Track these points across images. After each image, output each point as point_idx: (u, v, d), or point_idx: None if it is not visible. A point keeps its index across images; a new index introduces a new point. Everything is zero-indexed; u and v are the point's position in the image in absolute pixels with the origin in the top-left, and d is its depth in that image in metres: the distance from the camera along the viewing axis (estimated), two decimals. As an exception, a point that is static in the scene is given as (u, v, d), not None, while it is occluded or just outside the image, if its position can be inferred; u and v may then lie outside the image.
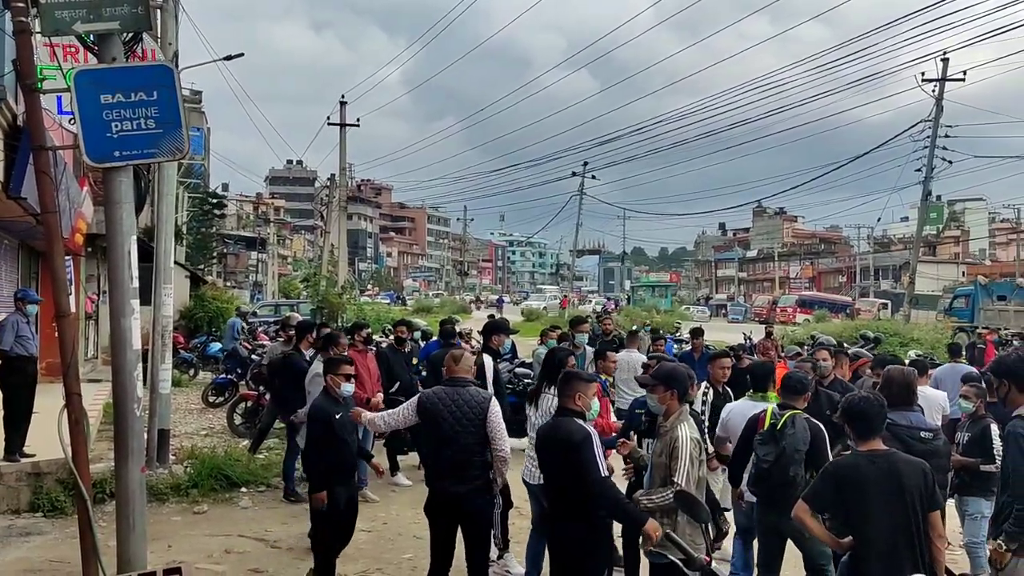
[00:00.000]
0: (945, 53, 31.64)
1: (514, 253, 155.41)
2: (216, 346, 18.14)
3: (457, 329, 12.05)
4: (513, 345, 11.83)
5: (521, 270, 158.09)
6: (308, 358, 8.98)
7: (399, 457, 9.42)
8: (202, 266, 40.89)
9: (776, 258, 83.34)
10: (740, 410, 5.66)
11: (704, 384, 6.69)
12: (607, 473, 4.19)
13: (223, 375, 14.89)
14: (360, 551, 6.72)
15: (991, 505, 6.16)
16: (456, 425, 4.78)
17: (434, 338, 13.25)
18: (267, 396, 11.49)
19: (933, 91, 32.09)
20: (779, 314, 50.50)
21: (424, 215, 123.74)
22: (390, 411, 5.55)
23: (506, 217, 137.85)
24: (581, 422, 4.32)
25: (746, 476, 5.14)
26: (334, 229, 36.09)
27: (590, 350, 10.01)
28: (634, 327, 17.68)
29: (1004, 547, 3.91)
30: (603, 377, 7.25)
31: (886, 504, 3.70)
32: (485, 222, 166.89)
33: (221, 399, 14.02)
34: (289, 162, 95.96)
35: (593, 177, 58.82)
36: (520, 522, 6.82)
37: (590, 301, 63.33)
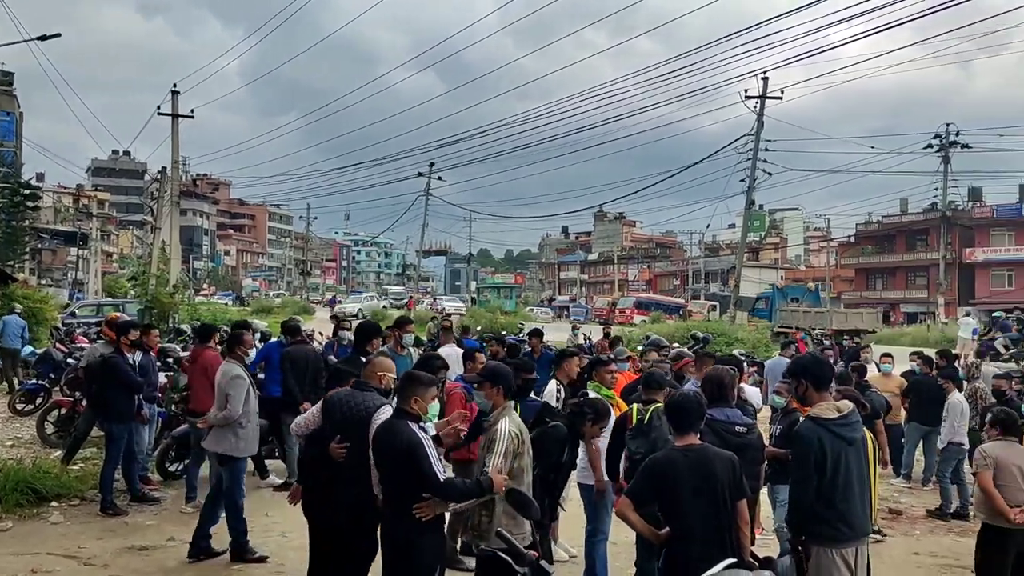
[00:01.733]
0: (765, 72, 34.09)
1: (359, 253, 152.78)
2: (27, 349, 16.67)
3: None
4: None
5: (366, 270, 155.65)
6: (132, 360, 8.46)
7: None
8: (11, 263, 37.53)
9: (616, 261, 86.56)
10: None
11: (554, 382, 6.89)
12: (443, 472, 4.21)
13: (33, 380, 13.73)
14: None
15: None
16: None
17: (274, 339, 12.80)
18: (84, 402, 10.76)
19: (755, 107, 34.47)
20: (618, 315, 52.40)
21: (265, 212, 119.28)
22: (304, 414, 5.27)
23: (351, 216, 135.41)
24: (414, 426, 4.27)
25: (621, 470, 5.37)
26: (166, 225, 34.10)
27: (415, 351, 9.93)
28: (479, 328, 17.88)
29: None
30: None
31: (699, 495, 3.92)
32: (329, 220, 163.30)
33: (31, 407, 12.92)
34: (115, 153, 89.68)
35: (439, 178, 59.05)
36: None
37: (430, 301, 63.13)
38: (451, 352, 9.27)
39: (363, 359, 6.91)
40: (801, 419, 6.51)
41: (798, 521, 4.28)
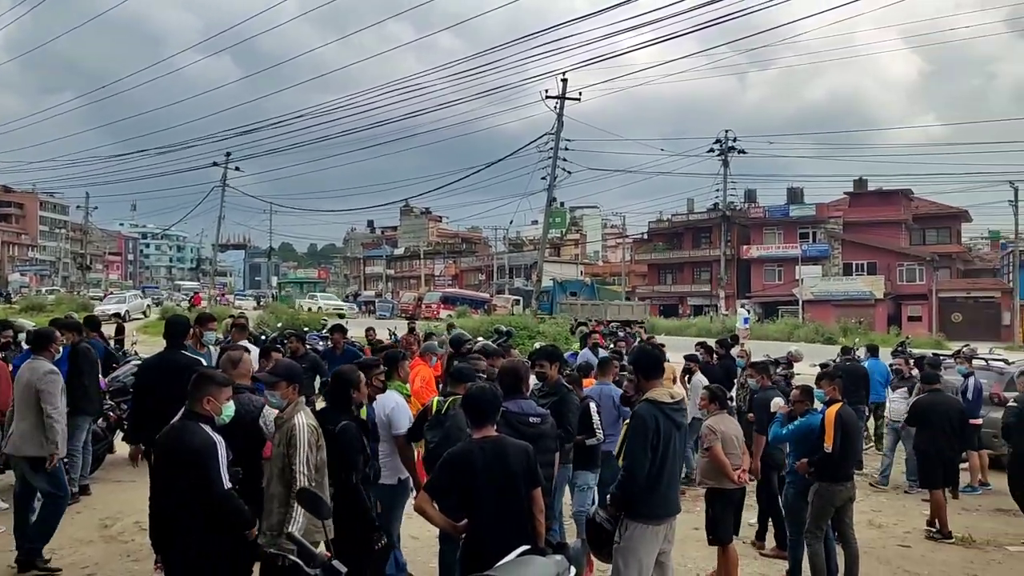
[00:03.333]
0: (564, 74, 35.46)
1: (148, 246, 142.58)
2: None
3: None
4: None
5: (157, 264, 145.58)
6: None
7: None
8: None
9: (422, 256, 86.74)
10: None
11: None
12: (229, 484, 4.03)
13: None
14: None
15: (595, 477, 7.12)
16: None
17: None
18: None
19: (555, 107, 35.76)
20: (424, 310, 52.51)
21: (35, 201, 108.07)
22: None
23: (139, 207, 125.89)
24: (208, 428, 4.09)
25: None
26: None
27: (215, 350, 9.47)
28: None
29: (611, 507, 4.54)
30: None
31: (495, 485, 4.01)
32: (113, 211, 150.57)
33: None
34: None
35: (237, 168, 56.34)
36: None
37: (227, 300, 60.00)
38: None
39: (187, 354, 6.54)
40: (592, 403, 7.04)
41: (625, 496, 4.50)
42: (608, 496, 4.90)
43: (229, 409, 4.31)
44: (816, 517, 6.38)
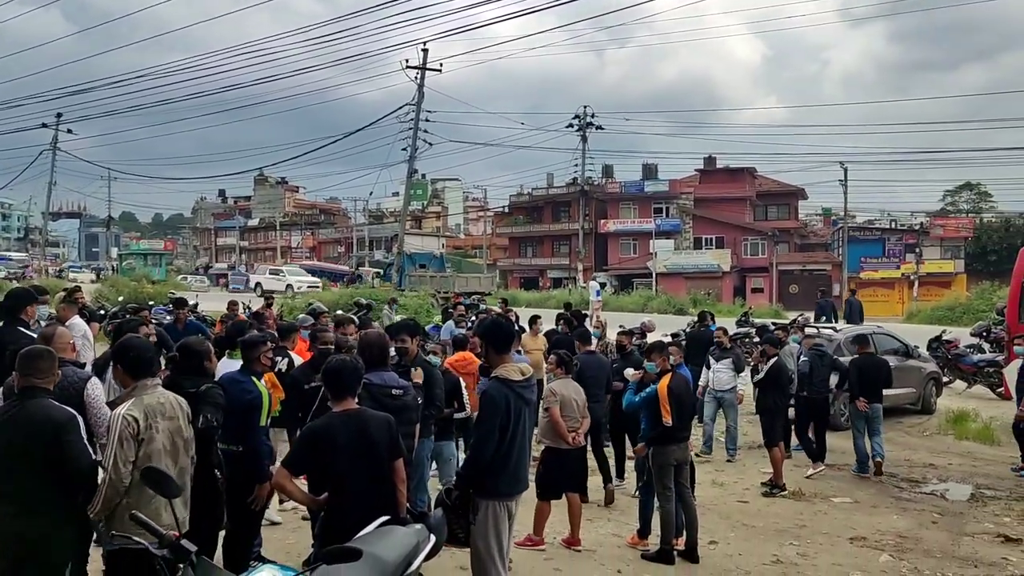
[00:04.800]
0: (425, 44, 35.06)
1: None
2: None
3: None
4: None
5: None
6: None
7: None
8: None
9: (278, 227, 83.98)
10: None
11: None
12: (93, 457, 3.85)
13: None
14: None
15: (456, 447, 7.40)
16: None
17: None
18: None
19: (415, 77, 35.36)
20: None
21: None
22: None
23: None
24: (56, 403, 3.87)
25: None
26: None
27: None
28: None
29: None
30: None
31: (357, 458, 3.98)
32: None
33: None
34: None
35: (69, 131, 52.48)
36: None
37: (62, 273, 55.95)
38: (78, 324, 8.34)
39: (23, 330, 6.20)
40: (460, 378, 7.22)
41: (473, 475, 4.53)
42: (455, 476, 4.94)
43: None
44: (658, 477, 6.75)
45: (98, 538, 3.93)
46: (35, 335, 6.02)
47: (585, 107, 54.17)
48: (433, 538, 3.97)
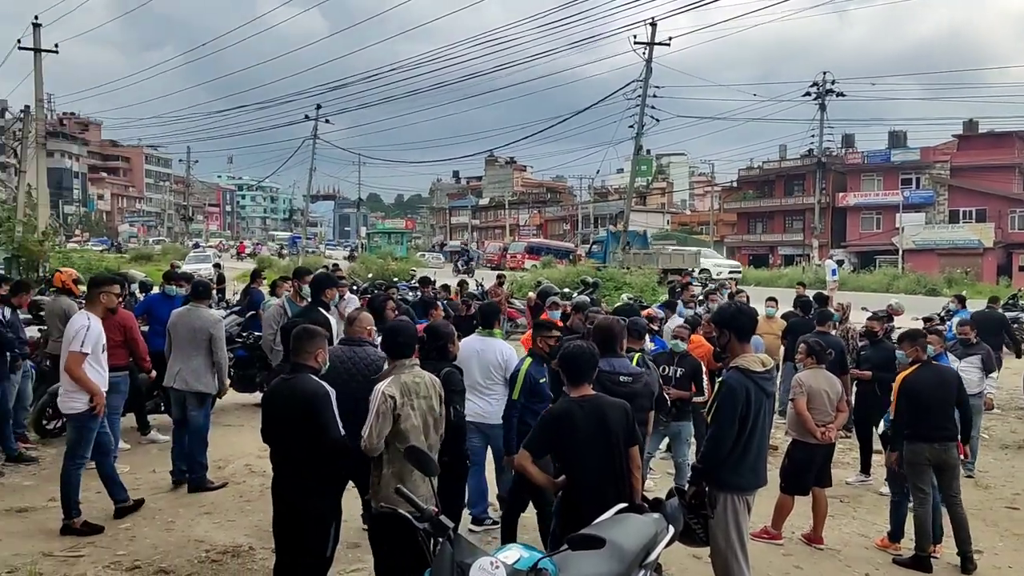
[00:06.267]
0: (654, 19, 34.43)
1: (244, 197, 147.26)
2: None
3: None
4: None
5: (252, 215, 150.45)
6: (2, 315, 8.00)
7: None
8: None
9: (507, 206, 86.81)
10: (469, 344, 6.11)
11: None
12: (342, 432, 4.22)
13: None
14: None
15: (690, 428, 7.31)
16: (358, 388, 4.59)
17: (155, 290, 12.28)
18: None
19: (643, 54, 34.83)
20: (509, 260, 52.85)
21: (141, 155, 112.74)
22: None
23: (235, 160, 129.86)
24: (315, 378, 4.29)
25: None
26: (31, 168, 31.82)
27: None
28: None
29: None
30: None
31: (593, 444, 4.05)
32: (212, 164, 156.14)
33: None
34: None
35: (327, 121, 57.47)
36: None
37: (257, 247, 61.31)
38: (352, 299, 9.31)
39: (322, 311, 7.07)
40: (718, 370, 7.06)
41: (711, 468, 4.40)
42: (691, 469, 4.83)
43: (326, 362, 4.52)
44: (912, 477, 6.23)
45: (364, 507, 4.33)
46: (332, 315, 7.10)
47: (824, 73, 50.62)
48: (671, 529, 3.96)
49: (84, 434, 6.10)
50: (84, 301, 7.32)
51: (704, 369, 7.54)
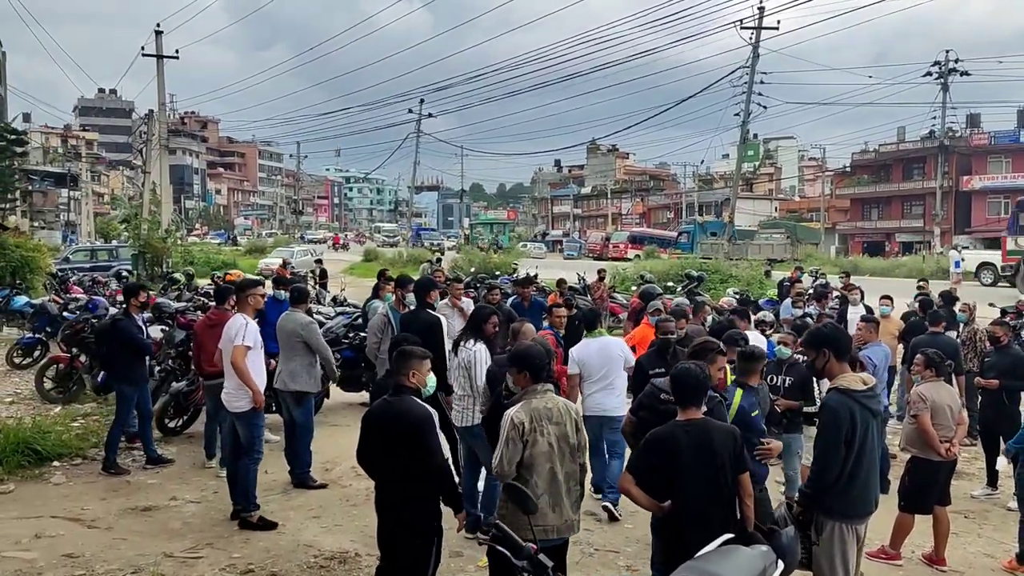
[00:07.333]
0: (761, 3, 33.31)
1: (351, 190, 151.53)
2: (21, 300, 16.55)
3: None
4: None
5: (359, 207, 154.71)
6: (141, 322, 8.45)
7: None
8: (3, 206, 36.99)
9: (609, 195, 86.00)
10: (585, 346, 6.58)
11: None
12: (446, 456, 4.21)
13: (31, 334, 13.67)
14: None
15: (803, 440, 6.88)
16: None
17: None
18: (81, 359, 10.76)
19: (750, 38, 33.79)
20: (612, 250, 52.34)
21: (255, 151, 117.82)
22: None
23: (342, 153, 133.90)
24: (419, 400, 4.25)
25: None
26: (155, 169, 33.67)
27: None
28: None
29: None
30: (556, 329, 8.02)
31: (699, 469, 3.91)
32: (320, 159, 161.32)
33: (28, 360, 12.91)
34: (101, 91, 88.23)
35: (431, 115, 58.41)
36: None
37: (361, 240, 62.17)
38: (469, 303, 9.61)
39: (430, 312, 7.31)
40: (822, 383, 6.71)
41: (817, 494, 4.20)
42: (798, 494, 4.61)
43: (432, 381, 4.46)
44: None
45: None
46: (437, 317, 7.29)
47: (947, 51, 47.74)
48: (781, 565, 3.78)
49: (254, 431, 6.54)
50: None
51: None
